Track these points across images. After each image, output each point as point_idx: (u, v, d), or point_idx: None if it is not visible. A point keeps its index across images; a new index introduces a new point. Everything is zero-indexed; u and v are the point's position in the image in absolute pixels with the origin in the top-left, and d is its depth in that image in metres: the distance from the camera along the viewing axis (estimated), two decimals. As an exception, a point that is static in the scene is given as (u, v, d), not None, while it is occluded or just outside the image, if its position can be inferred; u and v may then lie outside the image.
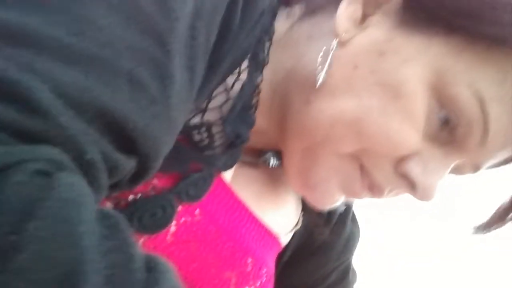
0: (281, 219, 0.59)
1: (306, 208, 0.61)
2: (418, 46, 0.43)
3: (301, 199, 0.61)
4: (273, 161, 0.58)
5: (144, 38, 0.31)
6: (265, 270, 0.54)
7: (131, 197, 0.43)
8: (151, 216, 0.43)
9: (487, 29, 0.41)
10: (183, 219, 0.47)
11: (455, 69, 0.42)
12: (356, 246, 0.67)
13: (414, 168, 0.44)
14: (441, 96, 0.42)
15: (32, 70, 0.27)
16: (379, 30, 0.45)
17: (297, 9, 0.51)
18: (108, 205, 0.42)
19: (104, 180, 0.30)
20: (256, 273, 0.53)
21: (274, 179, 0.58)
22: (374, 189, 0.47)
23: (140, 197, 0.43)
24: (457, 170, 0.48)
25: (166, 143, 0.35)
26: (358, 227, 0.67)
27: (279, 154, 0.56)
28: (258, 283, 0.53)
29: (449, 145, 0.44)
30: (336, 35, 0.45)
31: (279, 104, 0.49)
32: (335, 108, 0.44)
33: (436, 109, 0.43)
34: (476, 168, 0.48)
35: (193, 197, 0.46)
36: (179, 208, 0.46)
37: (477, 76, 0.42)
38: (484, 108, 0.42)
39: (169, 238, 0.46)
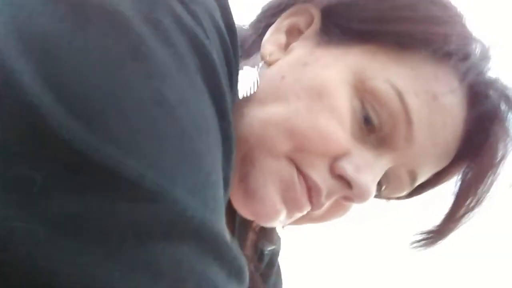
0: None
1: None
2: (336, 55, 0.47)
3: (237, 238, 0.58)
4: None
5: None
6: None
7: None
8: None
9: (392, 28, 0.46)
10: None
11: (372, 68, 0.46)
12: None
13: (347, 166, 0.45)
14: (361, 94, 0.45)
15: None
16: (302, 51, 0.49)
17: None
18: None
19: None
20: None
21: None
22: (312, 193, 0.46)
23: None
24: (394, 183, 0.49)
25: None
26: (281, 281, 0.65)
27: None
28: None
29: (379, 148, 0.46)
30: (262, 57, 0.49)
31: None
32: (266, 112, 0.46)
33: (359, 108, 0.46)
34: (412, 175, 0.49)
35: None
36: None
37: (392, 72, 0.46)
38: (403, 99, 0.45)
39: None
